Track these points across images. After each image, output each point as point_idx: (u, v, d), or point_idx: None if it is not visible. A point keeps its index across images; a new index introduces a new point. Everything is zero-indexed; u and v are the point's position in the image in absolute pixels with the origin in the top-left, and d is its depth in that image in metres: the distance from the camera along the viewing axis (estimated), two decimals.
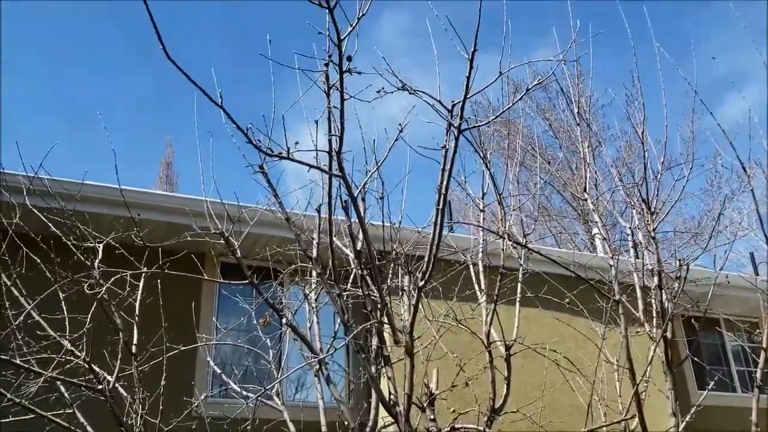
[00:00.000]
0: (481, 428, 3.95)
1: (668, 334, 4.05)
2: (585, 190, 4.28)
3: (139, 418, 3.87)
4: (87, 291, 3.98)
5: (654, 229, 4.07)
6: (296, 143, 2.70)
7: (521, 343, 4.46)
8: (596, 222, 4.35)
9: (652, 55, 4.59)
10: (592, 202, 4.32)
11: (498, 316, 4.58)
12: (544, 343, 5.24)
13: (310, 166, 2.85)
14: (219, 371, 5.39)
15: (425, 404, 4.13)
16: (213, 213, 4.50)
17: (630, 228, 4.70)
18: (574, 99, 4.54)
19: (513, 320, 4.80)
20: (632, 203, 4.48)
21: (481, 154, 4.44)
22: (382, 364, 3.83)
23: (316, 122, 2.75)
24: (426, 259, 3.48)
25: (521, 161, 20.17)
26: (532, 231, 5.21)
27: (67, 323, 4.16)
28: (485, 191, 4.93)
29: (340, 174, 2.85)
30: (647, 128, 4.45)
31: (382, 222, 4.36)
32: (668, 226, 19.70)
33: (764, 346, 3.74)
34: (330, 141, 2.88)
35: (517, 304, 4.85)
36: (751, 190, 3.87)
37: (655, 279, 4.29)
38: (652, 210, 4.04)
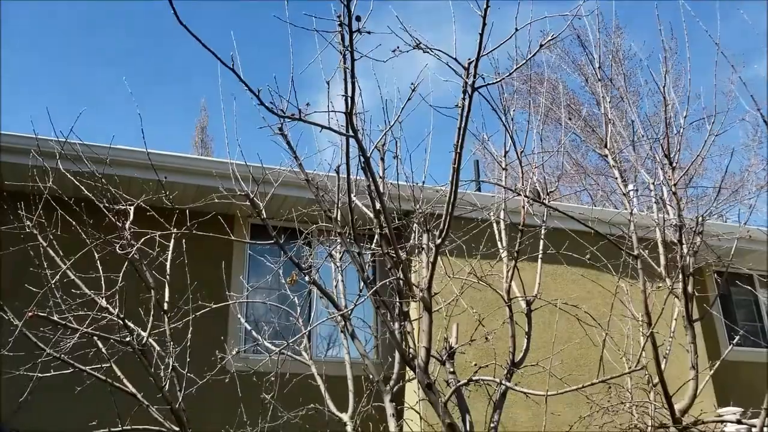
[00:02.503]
0: (497, 380, 4.04)
1: (689, 289, 4.07)
2: (606, 146, 4.27)
3: (170, 370, 4.04)
4: (119, 251, 4.14)
5: (675, 184, 4.05)
6: (307, 104, 2.76)
7: (540, 298, 4.52)
8: (616, 178, 4.34)
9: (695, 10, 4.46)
10: (613, 158, 4.31)
11: (519, 273, 4.64)
12: (570, 299, 5.28)
13: (322, 127, 2.91)
14: (249, 328, 5.57)
15: (445, 358, 4.24)
16: (239, 175, 4.62)
17: (653, 183, 4.68)
18: (596, 54, 4.49)
19: (538, 276, 4.86)
20: (656, 159, 4.45)
21: (502, 112, 4.44)
22: (402, 320, 3.94)
23: (327, 83, 2.80)
24: (443, 217, 3.54)
25: (555, 118, 19.98)
26: (555, 188, 5.22)
27: (102, 282, 4.33)
28: (507, 149, 4.94)
29: (353, 135, 2.91)
30: (680, 85, 4.41)
31: (398, 181, 4.42)
32: (707, 182, 19.37)
33: None
34: (346, 101, 2.93)
35: (539, 260, 4.89)
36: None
37: (676, 234, 4.28)
38: (674, 165, 4.02)
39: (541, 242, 4.90)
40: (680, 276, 4.10)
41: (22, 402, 4.60)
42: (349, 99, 2.83)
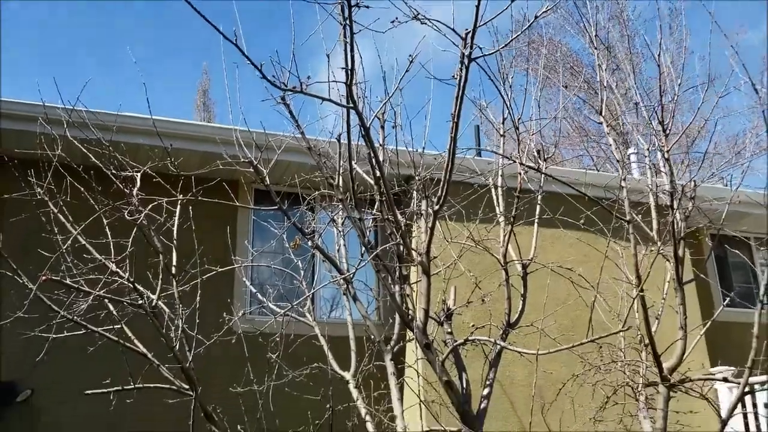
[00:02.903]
0: (492, 340, 4.21)
1: (680, 253, 4.19)
2: (601, 114, 4.36)
3: (179, 331, 4.20)
4: (127, 217, 4.27)
5: (668, 151, 4.16)
6: (308, 77, 2.86)
7: (536, 261, 4.66)
8: (610, 145, 4.43)
9: None
10: (608, 125, 4.41)
11: (517, 237, 4.78)
12: (566, 262, 5.43)
13: (323, 99, 3.02)
14: (254, 291, 5.74)
15: (443, 319, 4.41)
16: (242, 142, 4.73)
17: (648, 149, 4.79)
18: (592, 21, 4.56)
19: (537, 238, 5.00)
20: (652, 125, 4.54)
21: (500, 82, 4.53)
22: (402, 283, 4.09)
23: (328, 56, 2.90)
24: (441, 185, 3.66)
25: (558, 80, 19.90)
26: (552, 155, 5.32)
27: (111, 247, 4.47)
28: (505, 117, 5.04)
29: (353, 106, 3.02)
30: (682, 46, 4.45)
31: (396, 149, 4.53)
32: (711, 144, 19.43)
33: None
34: (346, 73, 3.03)
35: (535, 225, 5.03)
36: (762, 111, 3.90)
37: (669, 199, 4.39)
38: (667, 132, 4.12)
39: (538, 207, 5.03)
40: (671, 240, 4.23)
41: (37, 362, 4.80)
42: (349, 71, 2.93)
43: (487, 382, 4.24)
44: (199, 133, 6.88)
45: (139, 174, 4.69)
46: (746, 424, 7.32)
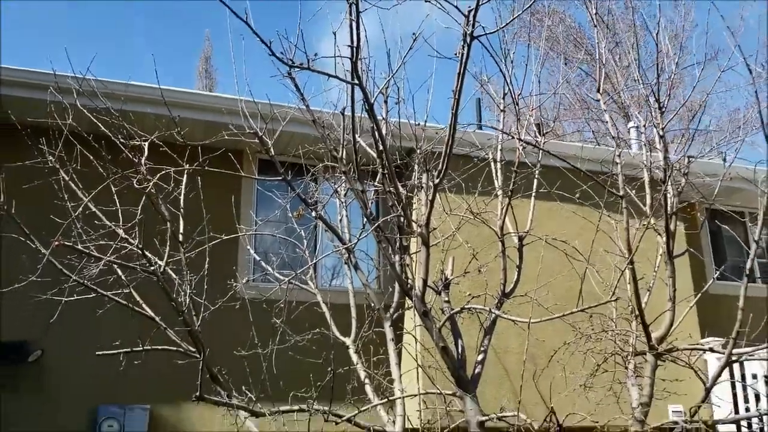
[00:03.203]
0: (487, 308, 4.38)
1: (671, 227, 4.34)
2: (598, 91, 4.47)
3: (186, 297, 4.37)
4: (136, 186, 4.40)
5: (663, 128, 4.28)
6: (315, 54, 2.98)
7: (532, 234, 4.81)
8: (606, 122, 4.55)
9: None
10: (604, 103, 4.52)
11: (514, 210, 4.92)
12: (563, 234, 5.57)
13: (329, 76, 3.14)
14: (258, 258, 5.90)
15: (440, 288, 4.57)
16: (247, 112, 4.84)
17: (644, 126, 4.90)
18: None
19: (534, 211, 5.14)
20: (648, 102, 4.65)
21: (501, 59, 4.62)
22: (402, 253, 4.25)
23: (334, 34, 3.01)
24: (442, 159, 3.79)
25: (562, 52, 19.83)
26: (551, 129, 5.44)
27: (120, 214, 4.61)
28: (505, 93, 5.14)
29: (358, 83, 3.14)
30: (688, 19, 4.53)
31: (398, 121, 4.64)
32: (713, 119, 19.48)
33: (756, 238, 4.02)
34: (352, 51, 3.15)
35: (532, 199, 5.17)
36: (755, 90, 4.02)
37: (661, 175, 4.52)
38: (662, 110, 4.23)
39: (535, 182, 5.16)
40: (663, 215, 4.37)
41: (49, 324, 4.98)
42: (354, 49, 3.04)
43: (482, 349, 4.42)
44: (204, 102, 6.98)
45: (146, 143, 4.81)
46: (734, 394, 7.56)
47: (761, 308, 6.18)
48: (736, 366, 7.68)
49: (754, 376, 7.57)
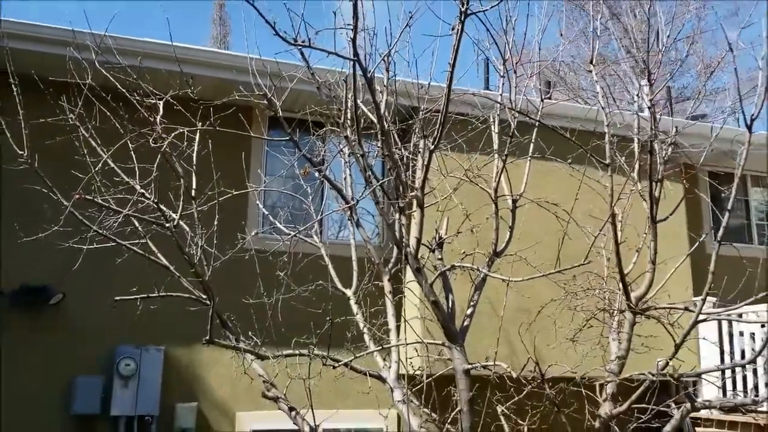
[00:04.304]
0: (475, 267, 4.69)
1: (655, 193, 4.58)
2: (591, 62, 4.66)
3: (198, 248, 4.69)
4: (152, 144, 4.68)
5: (651, 99, 4.48)
6: (317, 33, 3.21)
7: (525, 197, 5.08)
8: (597, 93, 4.75)
9: None
10: (596, 74, 4.71)
11: (510, 171, 5.17)
12: (559, 195, 5.81)
13: (329, 53, 3.37)
14: (266, 213, 6.21)
15: (434, 246, 4.87)
16: (257, 71, 5.07)
17: (638, 95, 5.10)
18: None
19: (528, 175, 5.39)
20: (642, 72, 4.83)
21: (502, 31, 4.82)
22: (400, 213, 4.54)
23: (334, 13, 3.23)
24: (437, 126, 4.04)
25: (579, 4, 19.63)
26: (549, 94, 5.63)
27: (136, 170, 4.89)
28: (505, 59, 5.33)
29: (356, 59, 3.37)
30: None
31: (397, 80, 4.84)
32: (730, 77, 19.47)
33: (731, 202, 4.27)
34: (354, 28, 3.37)
35: (528, 162, 5.41)
36: (735, 67, 4.19)
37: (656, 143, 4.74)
38: (652, 82, 4.42)
39: (531, 146, 5.39)
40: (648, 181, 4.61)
41: (71, 271, 5.35)
42: (354, 27, 3.27)
43: (471, 303, 4.74)
44: (216, 60, 7.18)
45: (161, 102, 5.07)
46: (721, 351, 7.88)
47: (750, 266, 6.48)
48: (725, 324, 7.98)
49: (741, 334, 7.88)
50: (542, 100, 5.48)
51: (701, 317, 4.24)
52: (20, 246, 5.51)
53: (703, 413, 7.59)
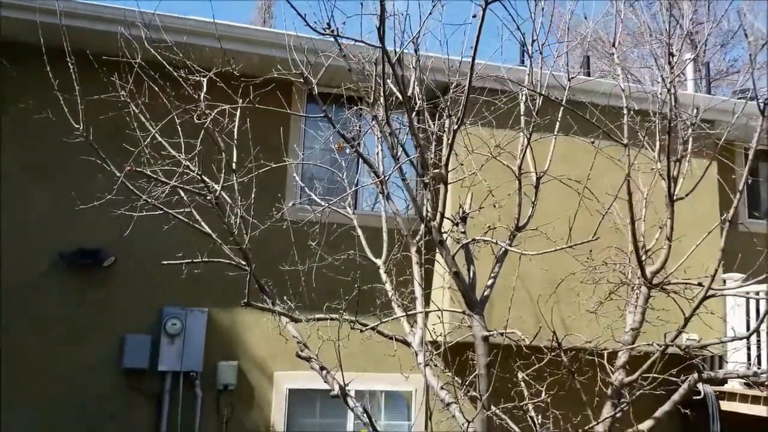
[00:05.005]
0: (494, 240, 4.94)
1: (673, 173, 4.75)
2: (613, 45, 4.81)
3: (238, 218, 5.04)
4: (196, 121, 5.02)
5: (671, 82, 4.62)
6: (344, 23, 3.47)
7: (549, 174, 5.29)
8: (618, 75, 4.90)
9: None
10: (617, 56, 4.87)
11: (538, 147, 5.38)
12: (587, 171, 5.98)
13: (356, 41, 3.63)
14: (303, 185, 6.55)
15: (458, 220, 5.14)
16: (293, 47, 5.34)
17: (661, 77, 5.23)
18: None
19: (553, 152, 5.59)
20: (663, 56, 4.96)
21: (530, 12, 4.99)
22: (424, 189, 4.80)
23: (361, 4, 3.48)
24: (460, 108, 4.28)
25: None
26: (576, 74, 5.78)
27: (182, 143, 5.23)
28: (534, 39, 5.50)
29: (381, 46, 3.63)
30: None
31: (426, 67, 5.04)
32: None
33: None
34: (380, 18, 3.62)
35: (553, 140, 5.61)
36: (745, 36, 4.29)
37: (676, 123, 4.90)
38: (672, 66, 4.57)
39: (557, 125, 5.58)
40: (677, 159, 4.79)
41: (122, 236, 5.78)
42: (380, 16, 3.52)
43: (492, 275, 5.01)
44: (256, 36, 7.48)
45: (205, 79, 5.39)
46: (747, 328, 7.98)
47: None
48: (752, 303, 8.06)
49: None
50: (569, 79, 5.64)
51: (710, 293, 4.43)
52: (77, 213, 5.94)
53: (727, 387, 7.75)
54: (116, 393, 7.19)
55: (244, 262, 5.06)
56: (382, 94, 4.26)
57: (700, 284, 4.78)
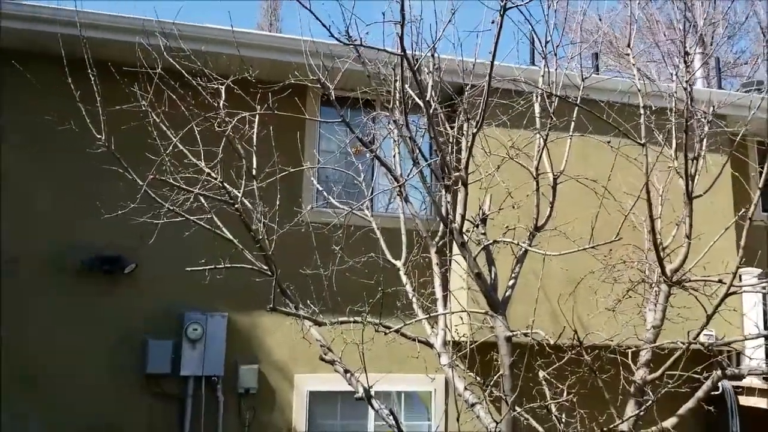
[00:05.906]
0: (515, 241, 4.98)
1: (691, 171, 4.78)
2: (628, 45, 4.84)
3: (261, 224, 5.10)
4: (216, 129, 5.09)
5: (687, 81, 4.65)
6: (367, 33, 3.53)
7: (565, 174, 5.32)
8: (634, 75, 4.92)
9: None
10: (632, 56, 4.90)
11: (555, 147, 5.41)
12: (605, 171, 6.00)
13: (378, 49, 3.69)
14: (321, 189, 6.61)
15: (478, 222, 5.18)
16: (309, 52, 5.39)
17: (676, 75, 5.25)
18: None
19: (569, 153, 5.62)
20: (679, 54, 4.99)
21: (544, 13, 5.03)
22: (444, 191, 4.85)
23: (383, 14, 3.54)
24: (480, 113, 4.33)
25: None
26: (590, 75, 5.81)
27: (201, 151, 5.29)
28: (548, 40, 5.55)
29: (402, 53, 3.68)
30: None
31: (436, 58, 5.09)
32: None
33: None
34: (401, 25, 3.68)
35: (569, 141, 5.64)
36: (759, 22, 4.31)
37: (691, 120, 4.92)
38: (688, 64, 4.60)
39: (572, 125, 5.62)
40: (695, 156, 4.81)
41: (144, 243, 5.85)
42: (401, 25, 3.57)
43: (513, 275, 5.05)
44: (272, 42, 7.56)
45: (223, 87, 5.46)
46: (765, 325, 7.98)
47: None
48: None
49: None
50: (583, 80, 5.67)
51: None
52: (102, 221, 6.03)
53: (745, 382, 7.75)
54: (139, 398, 7.28)
55: (266, 268, 5.11)
56: (401, 99, 4.31)
57: (720, 281, 4.81)
